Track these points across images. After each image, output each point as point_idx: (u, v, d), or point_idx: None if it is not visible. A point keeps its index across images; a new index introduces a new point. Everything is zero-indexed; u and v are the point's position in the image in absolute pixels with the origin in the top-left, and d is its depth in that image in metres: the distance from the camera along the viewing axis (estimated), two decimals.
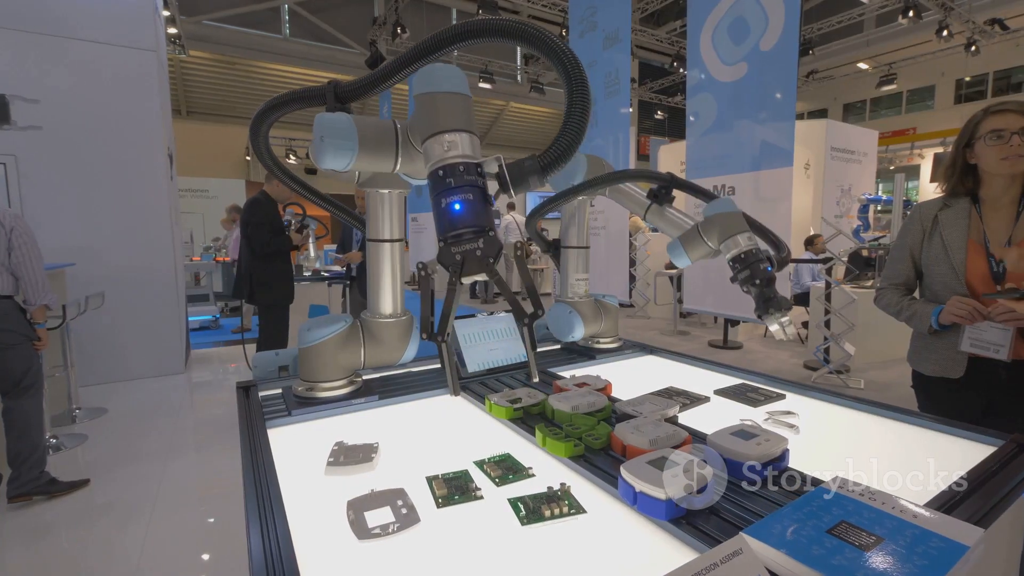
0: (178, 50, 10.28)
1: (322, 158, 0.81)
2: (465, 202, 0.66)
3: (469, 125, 0.72)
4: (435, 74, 0.74)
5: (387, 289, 1.18)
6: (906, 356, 1.61)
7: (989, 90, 14.89)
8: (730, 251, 1.17)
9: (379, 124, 0.86)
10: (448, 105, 0.72)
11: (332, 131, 0.80)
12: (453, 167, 0.68)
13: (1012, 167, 1.34)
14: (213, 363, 5.34)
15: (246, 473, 0.82)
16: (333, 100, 0.91)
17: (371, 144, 0.83)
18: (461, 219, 0.66)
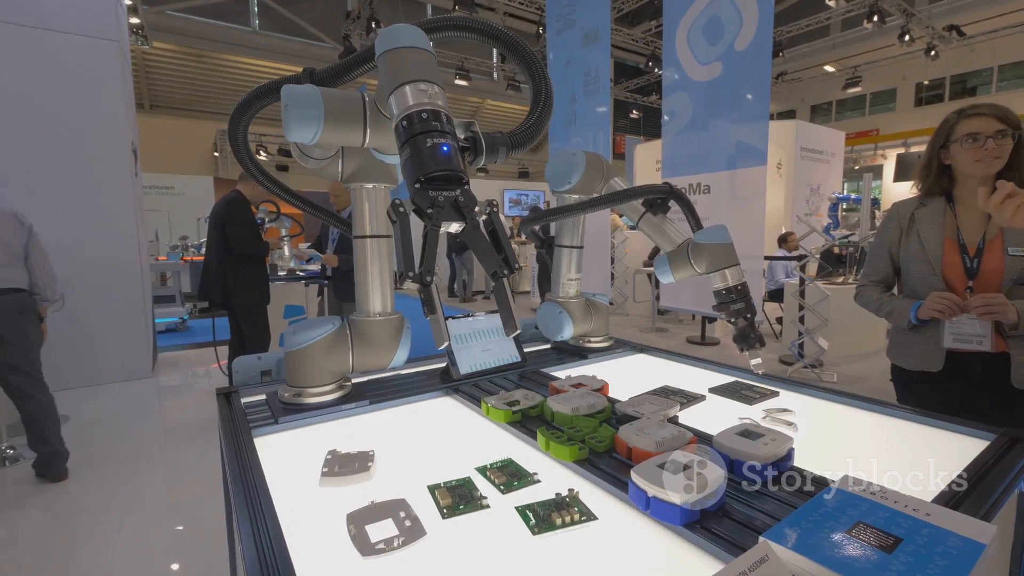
0: (141, 41, 9.88)
1: (289, 129, 0.80)
2: (446, 144, 0.65)
3: (435, 78, 0.72)
4: (397, 32, 0.75)
5: (375, 287, 1.14)
6: (885, 351, 1.65)
7: (947, 93, 15.55)
8: (716, 283, 1.17)
9: (346, 95, 0.87)
10: (415, 57, 0.72)
11: (296, 100, 0.80)
12: (434, 111, 0.67)
13: (987, 169, 1.38)
14: (182, 367, 5.16)
15: (234, 485, 0.77)
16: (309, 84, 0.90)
17: (338, 114, 0.83)
18: (443, 160, 0.64)
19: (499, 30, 0.83)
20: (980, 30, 12.77)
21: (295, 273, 4.88)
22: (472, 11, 11.11)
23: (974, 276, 1.40)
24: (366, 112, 0.87)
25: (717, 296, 1.17)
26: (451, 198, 0.65)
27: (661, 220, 1.28)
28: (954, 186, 1.49)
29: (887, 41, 12.90)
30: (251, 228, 3.41)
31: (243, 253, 3.35)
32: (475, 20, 0.82)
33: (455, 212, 0.65)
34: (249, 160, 1.11)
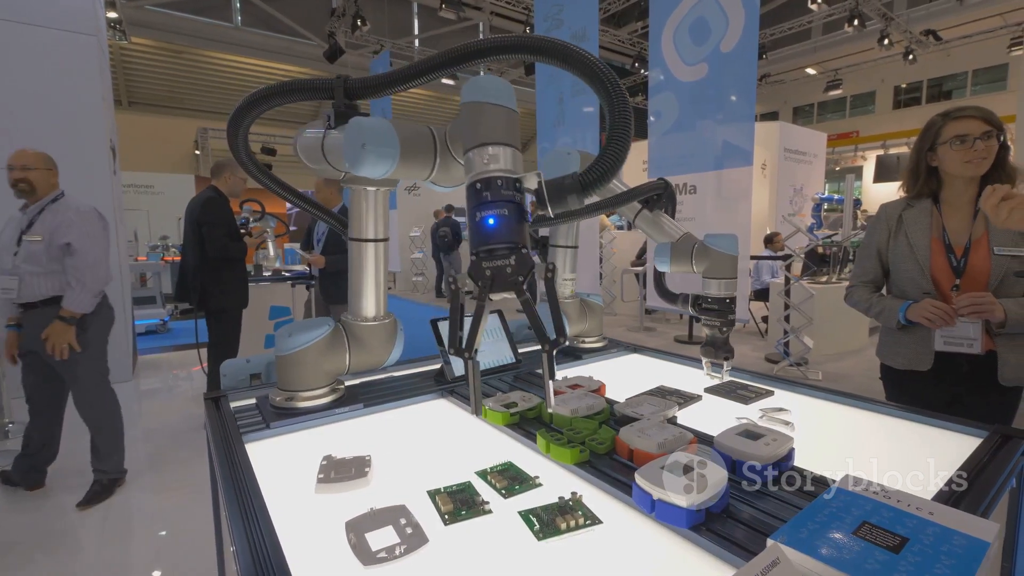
0: (119, 36, 9.63)
1: (360, 165, 0.75)
2: (499, 217, 0.64)
3: (512, 139, 0.68)
4: (485, 85, 0.70)
5: (370, 291, 1.12)
6: (866, 350, 1.67)
7: (924, 96, 15.92)
8: (709, 289, 1.18)
9: (417, 130, 0.82)
10: (494, 117, 0.69)
11: (375, 138, 0.75)
12: (490, 180, 0.65)
13: (975, 170, 1.40)
14: (163, 369, 5.04)
15: (227, 493, 0.74)
16: (342, 96, 0.85)
17: (412, 152, 0.79)
18: (494, 234, 0.64)
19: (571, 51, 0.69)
20: (956, 35, 13.08)
21: (281, 273, 4.80)
22: (459, 10, 11.07)
23: (961, 275, 1.42)
24: (436, 149, 0.83)
25: (703, 300, 1.19)
26: (503, 267, 0.64)
27: (657, 216, 1.29)
28: (941, 188, 1.51)
29: (867, 45, 13.15)
30: (228, 228, 3.28)
31: (219, 255, 3.21)
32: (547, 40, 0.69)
33: (505, 284, 0.65)
34: (248, 158, 1.07)
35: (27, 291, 2.25)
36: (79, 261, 2.25)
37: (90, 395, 2.42)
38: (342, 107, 0.87)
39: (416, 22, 14.76)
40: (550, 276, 0.65)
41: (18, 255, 2.25)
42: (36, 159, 2.33)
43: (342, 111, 0.88)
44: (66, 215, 2.27)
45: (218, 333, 3.34)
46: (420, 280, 10.25)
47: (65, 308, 2.22)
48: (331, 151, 0.93)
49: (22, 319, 2.31)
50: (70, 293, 2.23)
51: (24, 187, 2.29)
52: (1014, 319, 1.32)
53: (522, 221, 0.66)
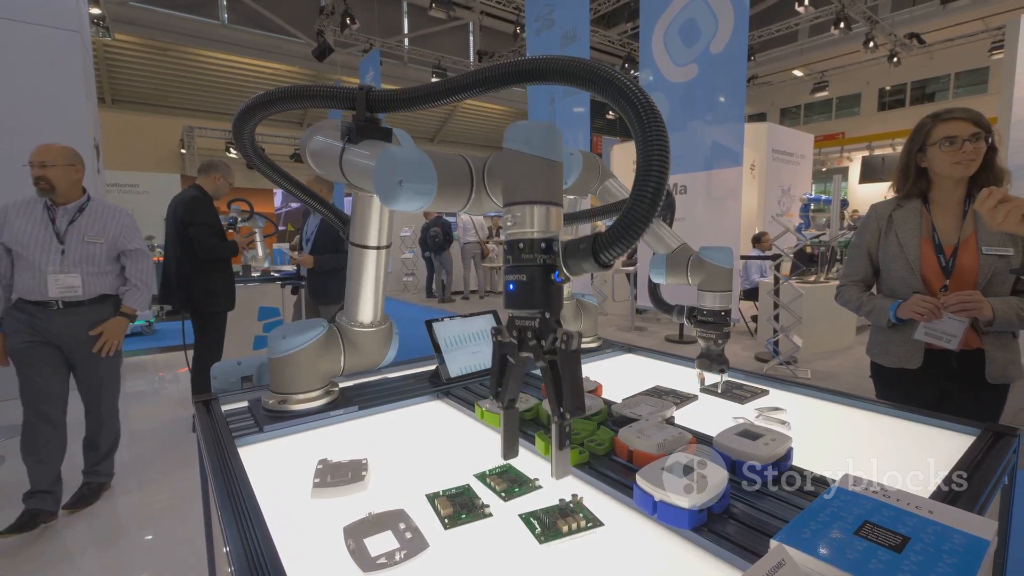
0: (102, 32, 9.48)
1: (394, 202, 0.70)
2: (517, 284, 0.63)
3: (548, 195, 0.63)
4: (530, 133, 0.63)
5: (369, 298, 1.09)
6: (853, 348, 1.69)
7: (907, 99, 16.18)
8: (704, 302, 1.18)
9: (455, 165, 0.76)
10: (529, 172, 0.63)
11: (413, 174, 0.69)
12: (514, 244, 0.63)
13: (964, 171, 1.42)
14: (148, 372, 4.96)
15: (221, 498, 0.73)
16: (364, 108, 0.80)
17: (448, 188, 0.74)
18: (514, 300, 0.64)
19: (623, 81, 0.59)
20: (939, 38, 13.33)
21: (269, 274, 4.75)
22: (449, 10, 11.04)
23: (949, 275, 1.44)
24: (472, 184, 0.77)
25: (698, 312, 1.19)
26: (525, 330, 0.64)
27: (657, 224, 1.28)
28: (930, 188, 1.53)
29: (852, 47, 13.35)
30: (216, 228, 3.21)
31: (209, 256, 3.14)
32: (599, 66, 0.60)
33: (526, 346, 0.64)
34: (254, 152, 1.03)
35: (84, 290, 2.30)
36: (144, 264, 2.43)
37: (110, 395, 2.47)
38: (363, 120, 0.82)
39: (406, 21, 14.69)
40: (562, 347, 0.61)
41: (68, 254, 2.24)
42: (56, 155, 2.25)
43: (364, 125, 0.82)
44: (123, 219, 2.40)
45: (204, 335, 3.27)
46: (411, 280, 10.21)
47: (128, 307, 2.38)
48: (352, 169, 0.87)
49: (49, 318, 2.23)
50: (135, 293, 2.39)
51: (44, 185, 2.22)
52: (1002, 317, 1.34)
53: (545, 284, 0.62)
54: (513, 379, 0.66)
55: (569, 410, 0.61)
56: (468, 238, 8.79)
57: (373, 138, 0.84)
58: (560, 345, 0.61)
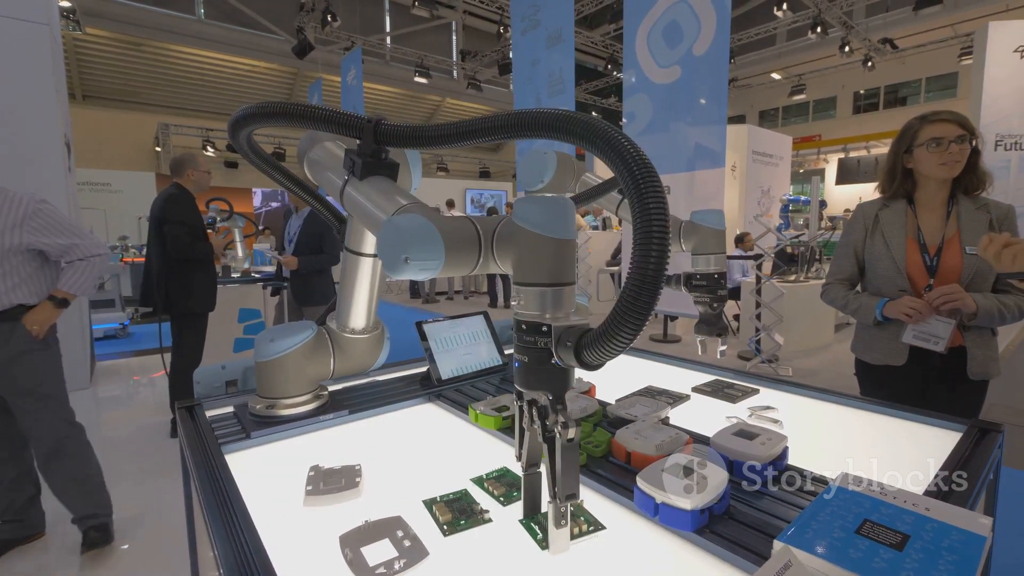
0: (72, 26, 9.18)
1: (399, 274, 0.66)
2: (520, 363, 0.62)
3: (559, 277, 0.61)
4: (542, 211, 0.60)
5: (362, 305, 1.07)
6: (833, 346, 1.72)
7: (881, 102, 16.62)
8: (698, 266, 1.16)
9: (462, 233, 0.70)
10: (543, 254, 0.60)
11: (420, 251, 0.64)
12: (518, 323, 0.62)
13: (948, 172, 1.46)
14: (122, 376, 4.83)
15: (210, 508, 0.70)
16: (371, 141, 0.76)
17: (455, 258, 0.69)
18: (519, 378, 0.63)
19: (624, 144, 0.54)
20: (911, 44, 13.70)
21: (250, 275, 4.66)
22: (433, 9, 10.97)
23: (934, 274, 1.47)
24: (480, 253, 0.71)
25: (692, 278, 1.16)
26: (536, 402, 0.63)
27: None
28: (915, 189, 1.56)
29: (829, 51, 13.65)
30: (192, 228, 3.10)
31: (181, 256, 3.04)
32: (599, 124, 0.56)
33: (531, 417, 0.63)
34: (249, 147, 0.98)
35: None
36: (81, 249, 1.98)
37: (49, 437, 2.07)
38: (369, 156, 0.78)
39: (388, 19, 14.56)
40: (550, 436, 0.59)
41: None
42: None
43: (370, 162, 0.79)
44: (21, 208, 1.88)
45: (183, 338, 3.18)
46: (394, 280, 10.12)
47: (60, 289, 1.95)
48: (354, 208, 0.83)
49: None
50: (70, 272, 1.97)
51: None
52: (984, 311, 1.38)
53: (544, 367, 0.60)
54: (530, 445, 0.66)
55: (560, 497, 0.58)
56: None
57: (379, 174, 0.80)
58: (551, 432, 0.59)
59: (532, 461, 0.67)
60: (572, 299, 0.62)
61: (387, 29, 14.52)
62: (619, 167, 0.52)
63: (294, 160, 1.07)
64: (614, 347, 0.52)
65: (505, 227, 0.69)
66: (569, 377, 0.61)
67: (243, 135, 0.92)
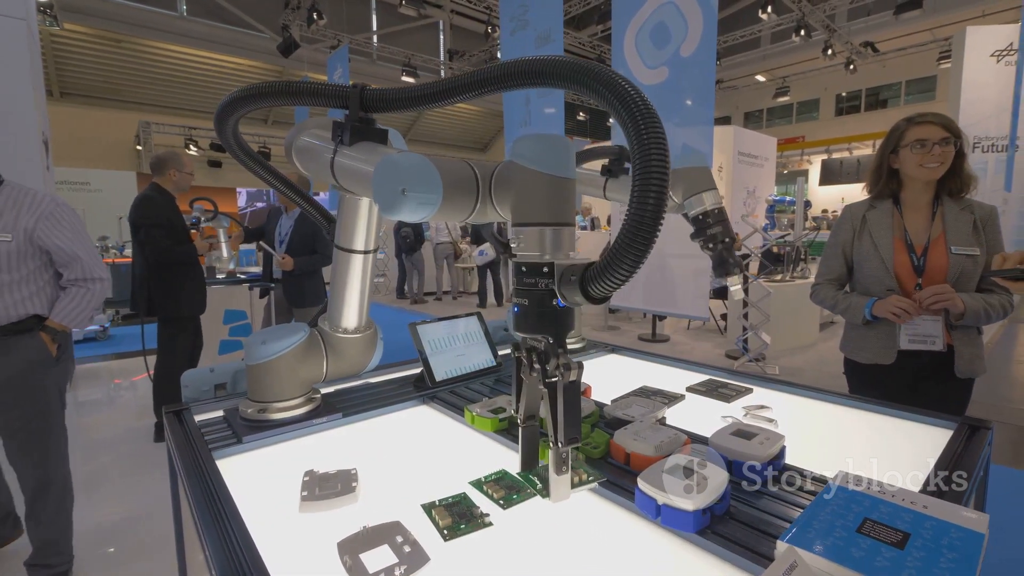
0: (49, 21, 8.96)
1: (395, 211, 0.65)
2: (520, 307, 0.62)
3: (560, 216, 0.61)
4: (541, 148, 0.60)
5: (354, 304, 1.05)
6: (817, 345, 1.74)
7: (862, 105, 16.92)
8: (694, 208, 1.13)
9: (460, 172, 0.70)
10: (543, 192, 0.61)
11: (417, 183, 0.64)
12: (518, 266, 0.61)
13: (932, 173, 1.48)
14: (103, 379, 4.72)
15: (202, 516, 0.68)
16: (358, 107, 0.75)
17: (454, 195, 0.69)
18: (520, 323, 0.62)
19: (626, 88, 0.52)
20: (891, 47, 13.99)
21: (235, 276, 4.58)
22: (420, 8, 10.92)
23: (922, 273, 1.49)
24: (479, 195, 0.71)
25: (695, 223, 1.13)
26: (531, 351, 0.63)
27: (623, 180, 1.28)
28: (901, 189, 1.59)
29: (812, 54, 13.87)
30: (171, 230, 3.00)
31: (161, 259, 2.94)
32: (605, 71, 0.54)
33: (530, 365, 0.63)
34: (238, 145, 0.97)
35: None
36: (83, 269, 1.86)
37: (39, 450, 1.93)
38: (357, 121, 0.77)
39: (375, 17, 14.46)
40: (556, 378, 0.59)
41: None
42: None
43: (358, 126, 0.78)
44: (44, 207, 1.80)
45: (176, 342, 3.11)
46: (381, 281, 10.04)
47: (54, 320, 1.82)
48: (345, 173, 0.82)
49: None
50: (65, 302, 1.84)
51: None
52: (972, 311, 1.41)
53: (549, 310, 0.60)
54: (528, 396, 0.65)
55: (562, 440, 0.59)
56: (441, 238, 8.70)
57: (368, 140, 0.79)
58: (556, 375, 0.59)
59: (531, 412, 0.67)
60: (572, 240, 0.62)
61: (374, 28, 14.42)
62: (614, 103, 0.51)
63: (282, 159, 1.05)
64: (619, 278, 0.52)
65: (504, 169, 0.69)
66: (570, 319, 0.62)
67: (231, 126, 0.91)
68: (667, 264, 4.37)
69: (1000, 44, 6.36)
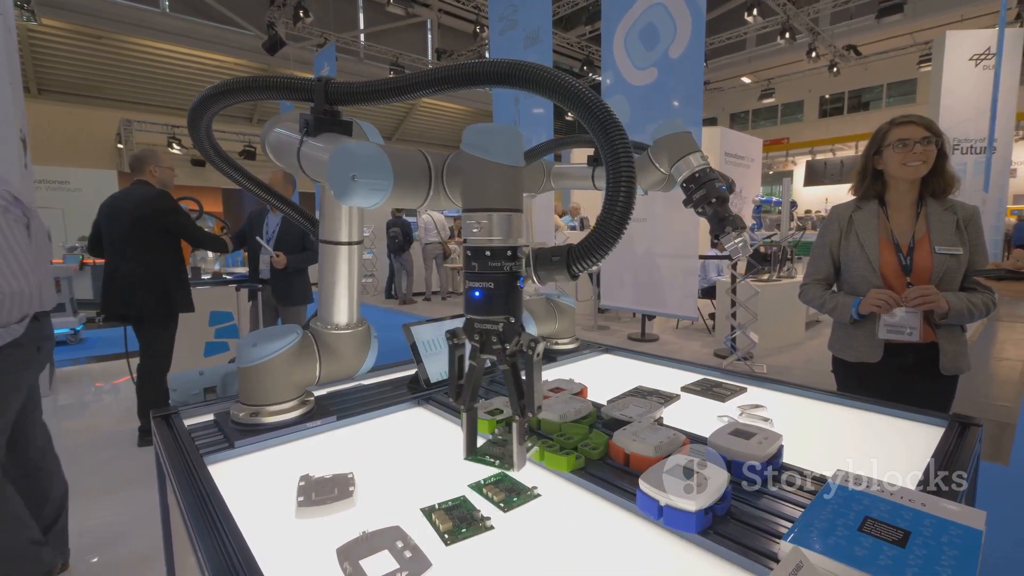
0: (27, 16, 8.75)
1: (348, 197, 0.68)
2: (484, 291, 0.65)
3: (508, 201, 0.65)
4: (491, 138, 0.64)
5: (343, 297, 1.04)
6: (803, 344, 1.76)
7: (845, 107, 17.20)
8: (682, 173, 1.12)
9: (413, 160, 0.74)
10: (490, 178, 0.64)
11: (367, 170, 0.67)
12: (479, 250, 0.65)
13: (914, 172, 1.51)
14: (80, 384, 4.62)
15: (195, 522, 0.66)
16: (323, 100, 0.77)
17: (405, 183, 0.72)
18: (480, 307, 0.66)
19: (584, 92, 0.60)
20: (873, 51, 14.24)
21: (221, 276, 4.51)
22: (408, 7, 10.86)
23: (909, 272, 1.52)
24: (431, 181, 0.75)
25: (686, 191, 1.12)
26: (490, 334, 0.66)
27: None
28: (885, 190, 1.61)
29: (797, 57, 14.06)
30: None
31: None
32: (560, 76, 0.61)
33: (489, 349, 0.66)
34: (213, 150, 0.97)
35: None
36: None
37: None
38: (321, 113, 0.79)
39: (362, 16, 14.35)
40: (530, 353, 0.63)
41: None
42: None
43: (321, 118, 0.80)
44: None
45: (158, 341, 3.06)
46: (370, 281, 9.97)
47: None
48: (309, 163, 0.85)
49: None
50: None
51: None
52: (955, 310, 1.43)
53: (512, 292, 0.65)
54: (475, 381, 0.68)
55: (531, 410, 0.64)
56: (430, 238, 8.66)
57: (332, 131, 0.82)
58: (527, 350, 0.63)
59: (472, 398, 0.69)
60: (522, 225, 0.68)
61: (361, 26, 14.31)
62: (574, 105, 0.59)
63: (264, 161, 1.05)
64: (599, 257, 0.61)
65: (455, 159, 0.74)
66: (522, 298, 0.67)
67: (204, 129, 0.91)
68: (656, 264, 4.40)
69: (979, 48, 6.50)
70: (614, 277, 4.73)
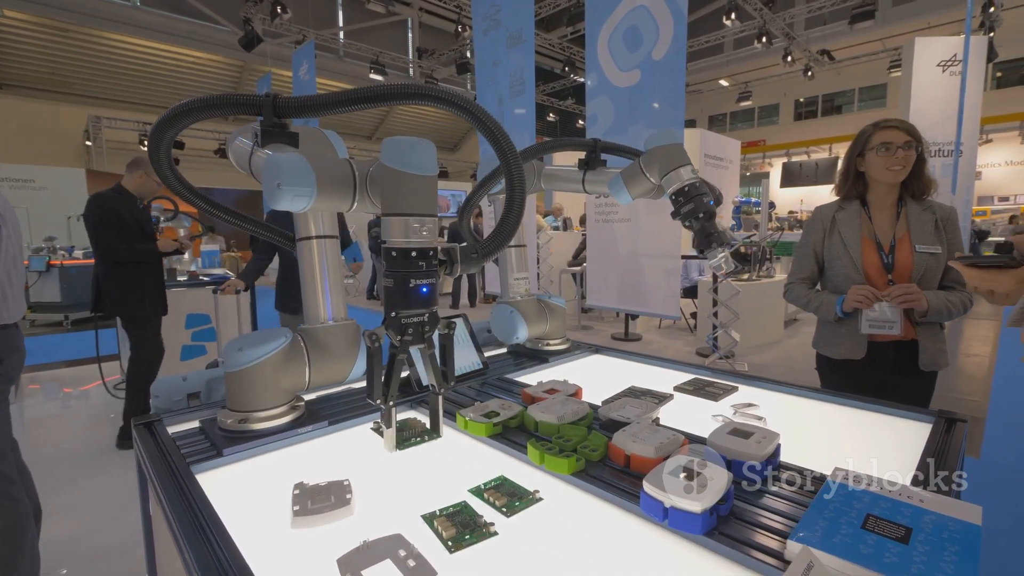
0: None
1: (277, 201, 0.77)
2: (426, 286, 0.76)
3: (428, 208, 0.76)
4: (406, 151, 0.75)
5: (325, 291, 1.05)
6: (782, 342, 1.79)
7: (819, 110, 17.63)
8: (672, 185, 1.13)
9: (337, 169, 0.85)
10: (412, 188, 0.75)
11: (290, 178, 0.77)
12: (423, 250, 0.75)
13: (896, 176, 1.55)
14: (50, 389, 4.45)
15: (187, 535, 0.64)
16: (271, 114, 0.83)
17: (329, 190, 0.83)
18: (421, 301, 0.76)
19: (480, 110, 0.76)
20: (846, 56, 14.62)
21: (197, 277, 4.39)
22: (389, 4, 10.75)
23: (891, 270, 1.56)
24: (355, 185, 0.85)
25: (675, 204, 1.13)
26: (419, 324, 0.76)
27: (600, 172, 1.31)
28: (867, 191, 1.65)
29: (773, 60, 14.35)
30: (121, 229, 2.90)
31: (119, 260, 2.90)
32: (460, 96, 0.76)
33: (419, 338, 0.77)
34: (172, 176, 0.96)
35: None
36: None
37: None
38: (270, 126, 0.85)
39: (341, 13, 14.15)
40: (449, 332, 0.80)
41: None
42: None
43: (269, 130, 0.86)
44: None
45: (142, 335, 3.01)
46: (350, 282, 9.84)
47: None
48: (257, 170, 0.93)
49: None
50: None
51: None
52: (934, 308, 1.48)
53: (432, 286, 0.77)
54: (398, 375, 0.77)
55: (452, 377, 0.83)
56: None
57: (279, 142, 0.88)
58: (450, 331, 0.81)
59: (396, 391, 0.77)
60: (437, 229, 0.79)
61: (340, 23, 14.12)
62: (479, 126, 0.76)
63: None
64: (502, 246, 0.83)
65: (375, 170, 0.85)
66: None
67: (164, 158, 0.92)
68: (639, 264, 4.43)
69: (946, 55, 6.72)
70: (599, 277, 4.75)
